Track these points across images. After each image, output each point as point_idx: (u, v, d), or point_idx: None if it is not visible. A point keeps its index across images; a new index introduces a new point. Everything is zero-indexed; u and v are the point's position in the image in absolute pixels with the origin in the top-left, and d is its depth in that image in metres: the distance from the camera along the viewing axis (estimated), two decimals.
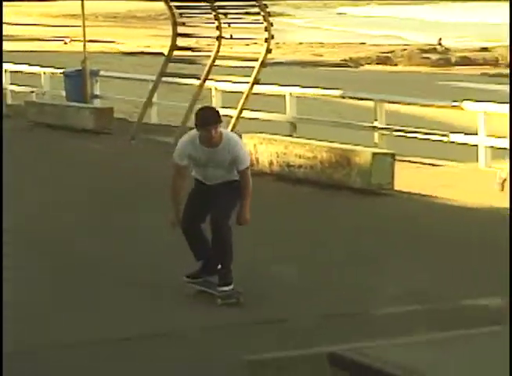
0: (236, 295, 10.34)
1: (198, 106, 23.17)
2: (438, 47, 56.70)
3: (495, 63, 49.17)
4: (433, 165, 19.54)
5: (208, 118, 10.29)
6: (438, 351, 7.41)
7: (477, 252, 12.01)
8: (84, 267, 11.79)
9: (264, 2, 21.24)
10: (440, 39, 58.38)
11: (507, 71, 42.84)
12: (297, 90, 23.92)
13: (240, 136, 18.89)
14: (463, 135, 20.14)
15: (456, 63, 50.06)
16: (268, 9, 21.19)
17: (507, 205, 14.20)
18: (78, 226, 13.77)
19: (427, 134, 20.86)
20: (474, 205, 15.09)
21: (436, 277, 10.99)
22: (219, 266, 10.50)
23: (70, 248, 12.68)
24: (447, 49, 55.54)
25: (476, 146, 19.61)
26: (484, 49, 53.66)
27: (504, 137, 18.99)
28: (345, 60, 53.61)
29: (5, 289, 10.27)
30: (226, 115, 23.15)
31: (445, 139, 20.38)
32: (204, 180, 10.59)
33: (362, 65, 52.97)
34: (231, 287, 10.36)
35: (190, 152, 10.40)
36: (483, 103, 20.41)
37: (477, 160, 19.43)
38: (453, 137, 20.27)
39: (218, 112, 10.57)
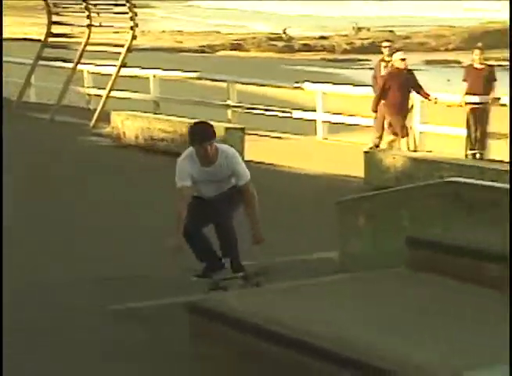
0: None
1: (72, 86, 23.40)
2: (284, 36, 56.93)
3: (332, 49, 49.63)
4: (279, 138, 19.81)
5: (202, 134, 9.11)
6: (287, 297, 7.59)
7: (316, 212, 12.23)
8: None
9: None
10: (285, 29, 58.63)
11: (343, 57, 43.43)
12: (159, 72, 24.16)
13: (109, 113, 19.25)
14: (303, 111, 20.51)
15: (299, 50, 50.41)
16: (132, 1, 21.20)
17: (342, 172, 14.53)
18: None
19: (273, 111, 21.24)
20: (311, 172, 15.39)
21: (282, 234, 11.14)
22: (226, 261, 9.42)
23: None
24: (291, 38, 55.82)
25: (315, 121, 20.00)
26: (323, 38, 54.10)
27: (339, 114, 19.40)
28: (203, 46, 53.62)
29: None
30: (97, 95, 23.24)
31: (288, 115, 20.76)
32: (202, 195, 9.38)
33: (218, 51, 53.00)
34: (245, 272, 9.30)
35: (191, 171, 9.17)
36: (321, 84, 20.79)
37: (316, 134, 19.81)
38: (295, 114, 20.65)
39: (211, 126, 9.32)
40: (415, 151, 16.22)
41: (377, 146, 16.62)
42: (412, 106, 17.47)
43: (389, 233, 9.20)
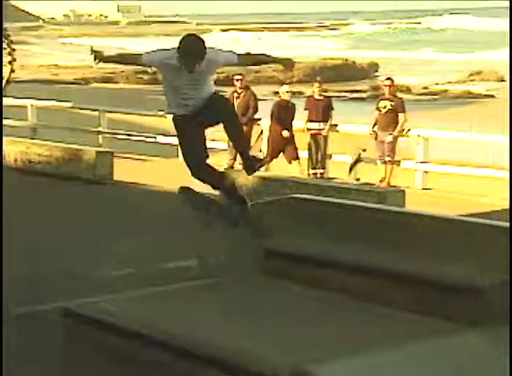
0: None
1: None
2: (149, 70, 56.69)
3: None
4: (144, 160, 19.74)
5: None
6: (154, 302, 7.51)
7: (176, 224, 12.16)
8: None
9: (8, 33, 21.15)
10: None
11: None
12: (37, 102, 24.02)
13: None
14: (165, 136, 20.51)
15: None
16: (11, 38, 21.02)
17: (200, 189, 14.50)
18: None
19: (139, 136, 21.32)
20: (172, 189, 15.34)
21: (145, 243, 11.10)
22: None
23: None
24: (155, 72, 55.57)
25: (176, 145, 19.96)
26: None
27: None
28: (77, 79, 53.13)
29: None
30: None
31: (153, 139, 20.81)
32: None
33: (91, 83, 52.52)
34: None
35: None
36: None
37: (178, 156, 19.77)
38: (159, 138, 20.72)
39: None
40: (265, 171, 16.32)
41: (232, 166, 16.68)
42: (262, 131, 17.60)
43: (243, 243, 9.18)
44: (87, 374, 7.03)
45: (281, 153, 16.70)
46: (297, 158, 16.55)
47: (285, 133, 16.27)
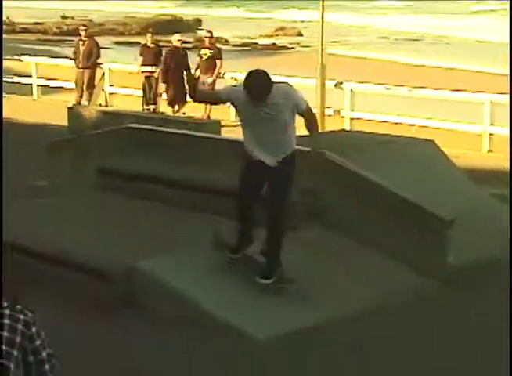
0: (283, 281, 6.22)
1: None
2: (7, 20, 54.23)
3: (45, 32, 47.77)
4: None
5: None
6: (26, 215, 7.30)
7: (34, 152, 11.78)
8: None
9: None
10: (7, 16, 55.85)
11: (53, 38, 41.96)
12: None
13: None
14: (20, 77, 19.64)
15: (19, 32, 48.16)
16: None
17: (52, 122, 14.15)
18: None
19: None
20: (29, 122, 14.88)
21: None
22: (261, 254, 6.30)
23: None
24: (13, 23, 53.26)
25: (31, 84, 19.29)
26: (38, 23, 51.98)
27: (51, 79, 18.80)
28: None
29: None
30: None
31: (10, 80, 19.78)
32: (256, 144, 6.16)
33: None
34: (272, 280, 6.15)
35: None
36: (35, 57, 20.12)
37: (32, 94, 19.15)
38: (16, 79, 19.66)
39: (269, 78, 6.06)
40: (106, 106, 16.04)
41: (79, 103, 16.33)
42: (104, 74, 17.25)
43: (85, 165, 9.06)
44: None
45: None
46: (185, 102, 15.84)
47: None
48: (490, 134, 13.36)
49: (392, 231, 6.82)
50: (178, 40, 16.15)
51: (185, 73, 14.64)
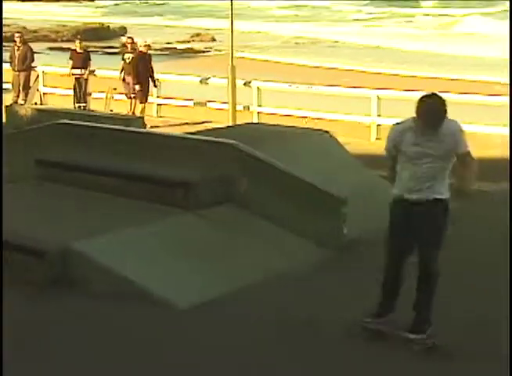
0: (430, 339, 4.99)
1: None
2: None
3: None
4: None
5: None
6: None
7: None
8: None
9: None
10: None
11: None
12: None
13: None
14: None
15: None
16: None
17: None
18: None
19: None
20: None
21: None
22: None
23: None
24: None
25: None
26: None
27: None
28: None
29: None
30: None
31: None
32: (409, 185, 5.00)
33: None
34: (424, 335, 4.98)
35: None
36: None
37: None
38: None
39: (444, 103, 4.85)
40: (41, 105, 15.69)
41: (16, 102, 15.88)
42: (38, 76, 16.83)
43: (23, 157, 8.78)
44: None
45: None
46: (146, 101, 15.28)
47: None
48: (378, 125, 13.61)
49: (295, 210, 6.89)
50: (145, 45, 15.59)
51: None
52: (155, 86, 15.36)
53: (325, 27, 43.52)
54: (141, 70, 14.84)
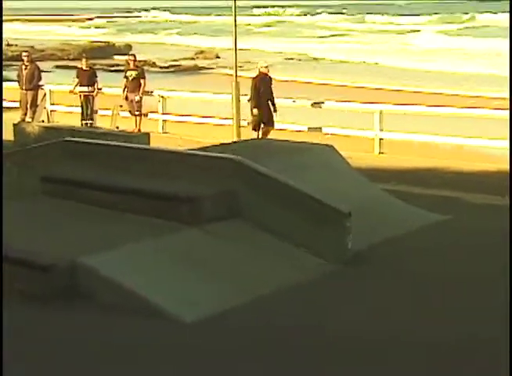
0: None
1: None
2: None
3: None
4: None
5: None
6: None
7: None
8: None
9: None
10: None
11: None
12: None
13: None
14: None
15: None
16: None
17: (5, 138, 13.78)
18: None
19: None
20: None
21: None
22: None
23: None
24: None
25: None
26: None
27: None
28: None
29: None
30: None
31: None
32: None
33: None
34: None
35: None
36: None
37: None
38: None
39: None
40: (48, 122, 15.78)
41: (23, 120, 15.96)
42: (45, 94, 16.94)
43: (30, 174, 8.82)
44: None
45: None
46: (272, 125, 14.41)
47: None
48: (380, 138, 13.63)
49: (300, 224, 6.88)
50: (265, 67, 13.98)
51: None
52: (275, 111, 13.66)
53: (318, 44, 43.95)
54: (262, 94, 13.53)
